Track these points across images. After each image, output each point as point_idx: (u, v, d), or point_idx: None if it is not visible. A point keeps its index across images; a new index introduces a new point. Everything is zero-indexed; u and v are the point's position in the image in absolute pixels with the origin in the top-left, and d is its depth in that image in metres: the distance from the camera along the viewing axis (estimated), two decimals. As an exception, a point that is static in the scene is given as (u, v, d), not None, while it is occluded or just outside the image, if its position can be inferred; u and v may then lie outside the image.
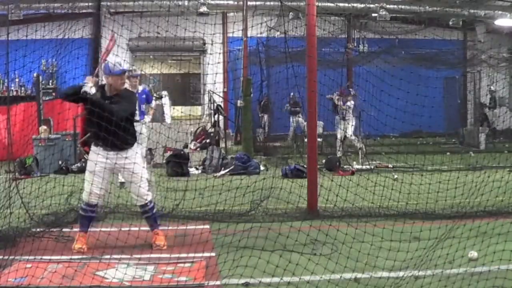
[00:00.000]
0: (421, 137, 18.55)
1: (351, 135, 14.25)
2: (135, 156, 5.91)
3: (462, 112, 19.81)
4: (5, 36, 6.75)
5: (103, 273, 5.01)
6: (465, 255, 5.20)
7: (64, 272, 4.95)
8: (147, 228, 6.13)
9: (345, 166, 12.23)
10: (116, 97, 5.84)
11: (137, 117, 9.84)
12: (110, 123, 5.61)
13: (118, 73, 5.79)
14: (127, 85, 9.81)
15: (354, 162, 13.02)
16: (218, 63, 11.08)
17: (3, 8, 16.18)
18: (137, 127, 9.68)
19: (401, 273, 4.76)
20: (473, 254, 5.29)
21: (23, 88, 17.24)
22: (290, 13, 14.09)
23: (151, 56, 17.41)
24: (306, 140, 9.54)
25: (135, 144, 6.00)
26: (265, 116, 18.14)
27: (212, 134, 14.76)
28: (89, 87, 5.63)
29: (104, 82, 6.02)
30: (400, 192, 7.63)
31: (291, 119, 17.26)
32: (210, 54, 18.21)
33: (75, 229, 6.31)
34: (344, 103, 14.25)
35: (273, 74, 14.89)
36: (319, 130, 13.67)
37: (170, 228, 6.23)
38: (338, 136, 14.50)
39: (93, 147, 5.95)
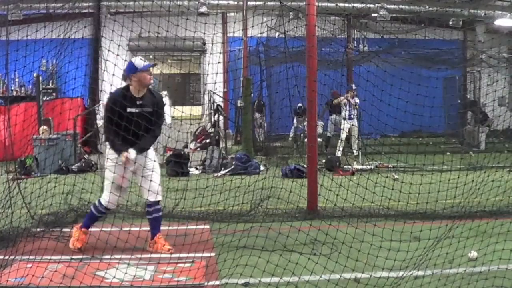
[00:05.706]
0: (421, 137, 18.54)
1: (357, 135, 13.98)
2: (153, 154, 5.95)
3: (462, 112, 19.78)
4: (5, 36, 6.75)
5: (103, 273, 5.02)
6: (465, 255, 5.21)
7: (64, 272, 4.95)
8: (148, 228, 6.12)
9: (345, 166, 12.23)
10: (146, 99, 5.71)
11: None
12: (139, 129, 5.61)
13: (147, 67, 5.67)
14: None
15: (354, 162, 13.02)
16: (218, 63, 11.07)
17: (3, 8, 16.19)
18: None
19: (401, 273, 4.77)
20: (473, 253, 5.30)
21: (23, 88, 17.26)
22: (290, 13, 14.08)
23: (151, 56, 17.39)
24: (306, 140, 9.54)
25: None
26: (258, 115, 18.00)
27: (212, 134, 14.78)
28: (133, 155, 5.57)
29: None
30: (400, 192, 7.63)
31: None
32: (210, 54, 18.22)
33: (74, 229, 6.31)
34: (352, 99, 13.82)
35: (273, 74, 14.87)
36: (319, 130, 13.65)
37: (170, 228, 6.23)
38: (343, 136, 14.12)
39: (111, 151, 5.72)
